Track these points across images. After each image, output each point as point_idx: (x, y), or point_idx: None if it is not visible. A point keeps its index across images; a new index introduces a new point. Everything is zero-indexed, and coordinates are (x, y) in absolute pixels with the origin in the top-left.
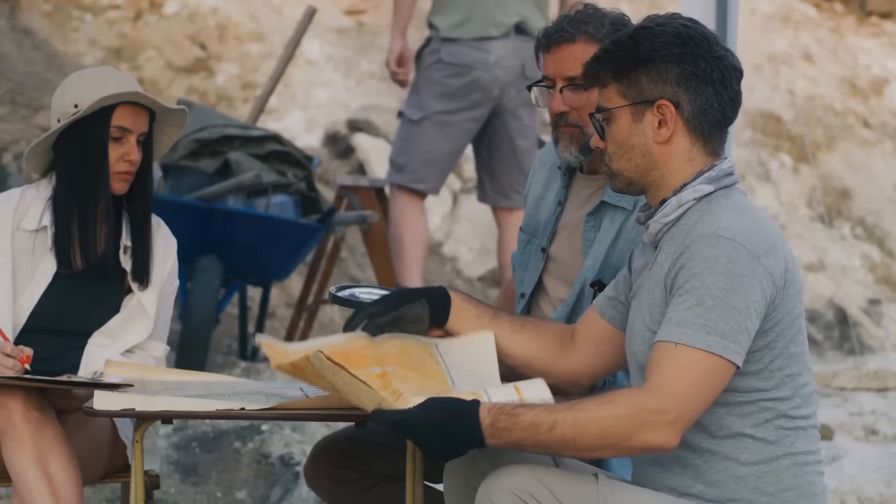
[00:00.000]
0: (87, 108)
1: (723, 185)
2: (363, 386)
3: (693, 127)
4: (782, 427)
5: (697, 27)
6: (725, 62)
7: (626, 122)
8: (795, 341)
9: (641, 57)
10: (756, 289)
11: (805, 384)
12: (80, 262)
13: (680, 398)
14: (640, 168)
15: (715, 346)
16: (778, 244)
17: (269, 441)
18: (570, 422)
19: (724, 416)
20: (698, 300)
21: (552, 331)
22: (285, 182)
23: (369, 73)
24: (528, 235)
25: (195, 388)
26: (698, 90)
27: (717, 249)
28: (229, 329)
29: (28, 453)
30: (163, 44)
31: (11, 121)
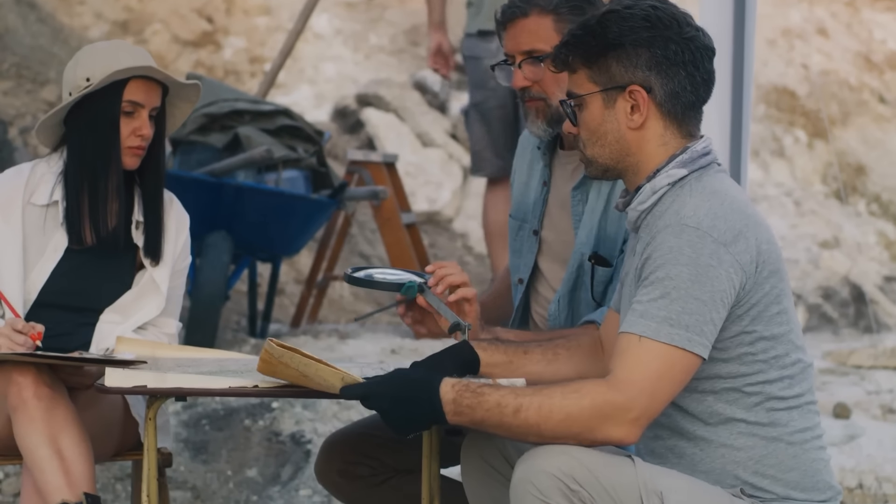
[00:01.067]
0: (99, 82)
1: (697, 167)
2: (321, 365)
3: (666, 111)
4: (774, 409)
5: (667, 8)
6: (696, 42)
7: (597, 109)
8: (777, 321)
9: (610, 42)
10: (722, 278)
11: (795, 362)
12: (90, 237)
13: (644, 394)
14: (615, 154)
15: (679, 340)
16: (749, 228)
17: (280, 419)
18: (535, 406)
19: (713, 403)
20: (662, 292)
21: (583, 347)
22: (296, 157)
23: (378, 46)
24: (518, 221)
25: (208, 365)
26: (670, 73)
27: (681, 239)
28: (238, 306)
29: (39, 431)
30: (169, 17)
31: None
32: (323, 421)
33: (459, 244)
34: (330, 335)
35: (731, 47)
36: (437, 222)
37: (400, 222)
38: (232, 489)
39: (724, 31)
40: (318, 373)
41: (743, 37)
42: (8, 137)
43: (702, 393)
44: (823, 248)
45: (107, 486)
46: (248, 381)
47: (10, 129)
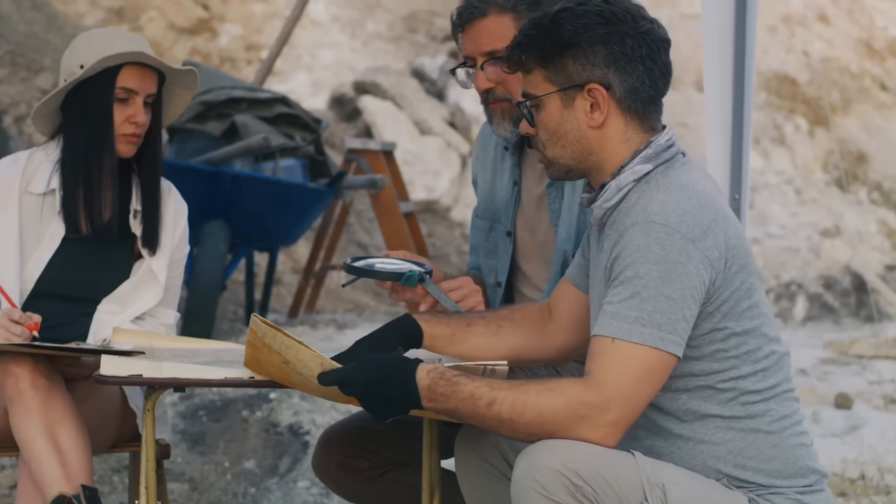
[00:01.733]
0: (90, 69)
1: (662, 161)
2: (302, 347)
3: (626, 107)
4: (749, 402)
5: (619, 2)
6: (652, 35)
7: (556, 109)
8: (748, 316)
9: (566, 41)
10: (692, 274)
11: (768, 354)
12: (85, 226)
13: (621, 397)
14: (577, 154)
15: (651, 339)
16: (717, 223)
17: (278, 410)
18: (509, 401)
19: (687, 401)
20: (632, 292)
21: (529, 317)
22: (293, 145)
23: (376, 33)
24: (488, 222)
25: (204, 355)
26: (628, 69)
27: (649, 237)
28: (235, 296)
29: (36, 422)
30: (165, 4)
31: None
32: (321, 412)
33: (457, 233)
34: (328, 325)
35: (733, 34)
36: (435, 211)
37: (398, 211)
38: (229, 481)
39: (725, 18)
40: (299, 356)
41: (744, 24)
42: (2, 126)
43: (675, 392)
44: (824, 236)
45: (104, 478)
46: (245, 372)
47: (5, 118)
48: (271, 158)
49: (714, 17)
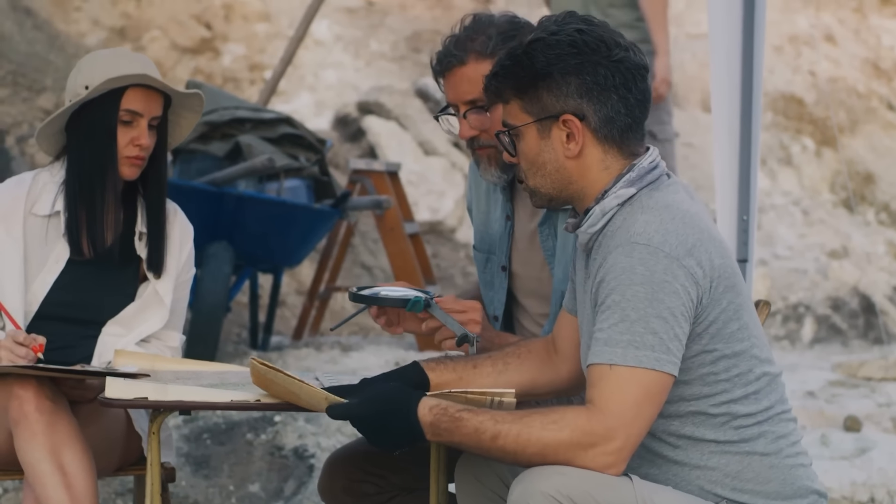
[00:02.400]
0: (94, 90)
1: (646, 184)
2: (304, 385)
3: (603, 136)
4: (742, 426)
5: (593, 30)
6: (626, 64)
7: (533, 139)
8: (737, 338)
9: (538, 72)
10: (679, 292)
11: (759, 377)
12: (87, 248)
13: (625, 423)
14: (557, 183)
15: (647, 361)
16: (702, 242)
17: (283, 433)
18: (513, 434)
19: (680, 427)
20: (621, 315)
21: (534, 352)
22: (298, 166)
23: (379, 53)
24: (484, 254)
25: (207, 377)
26: (602, 99)
27: (632, 258)
28: (239, 318)
29: (41, 445)
30: (167, 23)
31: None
32: (326, 435)
33: (462, 254)
34: (332, 347)
35: (740, 55)
36: (439, 232)
37: (403, 232)
38: None
39: (732, 38)
40: (302, 392)
41: (752, 44)
42: (5, 146)
43: (667, 417)
44: (832, 258)
45: (108, 502)
46: (250, 395)
47: (7, 138)
48: (275, 179)
49: (721, 36)
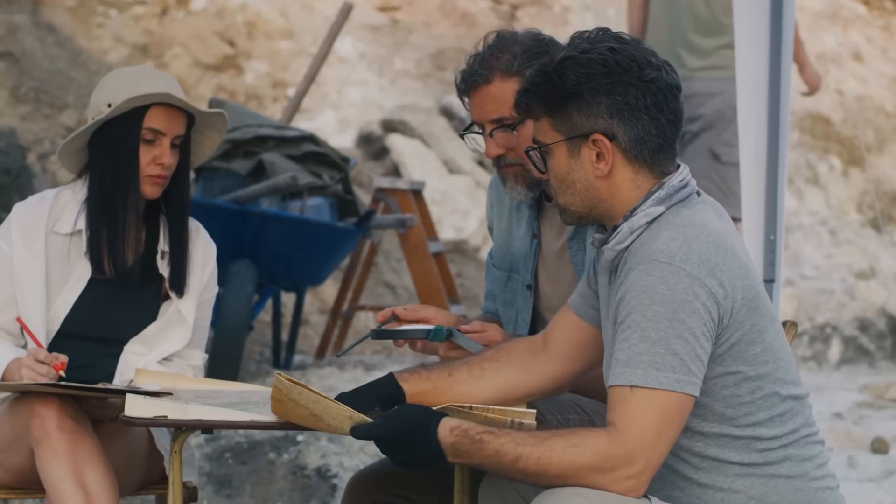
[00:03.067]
0: (116, 108)
1: (675, 202)
2: (330, 402)
3: (633, 156)
4: (768, 449)
5: (625, 49)
6: (658, 84)
7: (563, 158)
8: (761, 360)
9: (569, 91)
10: (700, 312)
11: (785, 399)
12: (108, 267)
13: (646, 445)
14: (587, 202)
15: (667, 383)
16: (725, 262)
17: (306, 452)
18: (534, 457)
19: (704, 448)
20: (641, 336)
21: (515, 353)
22: (321, 184)
23: (403, 71)
24: (504, 272)
25: (228, 396)
26: (632, 119)
27: (653, 276)
28: (262, 336)
29: (63, 464)
30: (190, 41)
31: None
32: (349, 454)
33: None
34: (355, 366)
35: (768, 74)
36: (463, 251)
37: (427, 251)
38: None
39: (760, 57)
40: (327, 410)
41: (779, 63)
42: (26, 163)
43: (691, 438)
44: (859, 278)
45: None
46: (271, 414)
47: (29, 155)
48: (299, 197)
49: (748, 56)
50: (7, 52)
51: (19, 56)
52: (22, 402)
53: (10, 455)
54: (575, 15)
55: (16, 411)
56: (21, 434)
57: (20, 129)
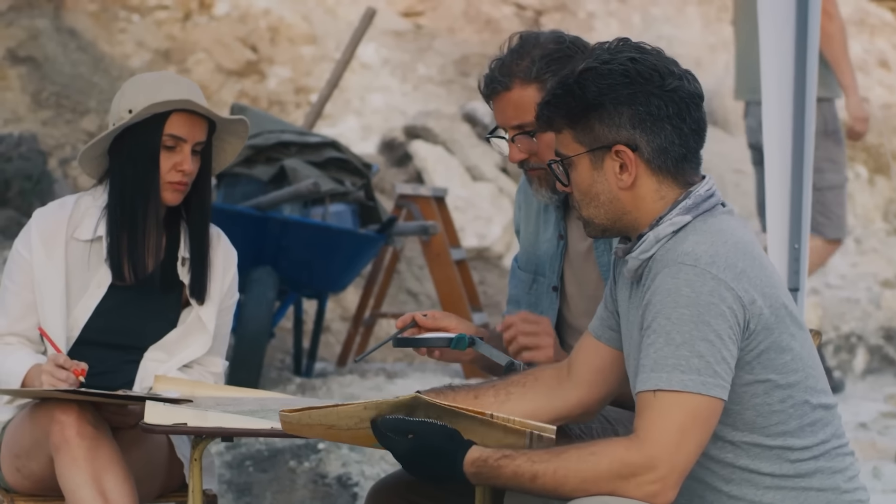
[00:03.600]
0: (137, 114)
1: (702, 212)
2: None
3: (656, 167)
4: (799, 460)
5: (647, 59)
6: (680, 93)
7: (586, 170)
8: (791, 369)
9: (590, 102)
10: (726, 314)
11: (815, 408)
12: (129, 274)
13: (667, 450)
14: (611, 214)
15: (693, 385)
16: (752, 269)
17: (327, 460)
18: (551, 472)
19: (734, 459)
20: (666, 339)
21: (541, 380)
22: (343, 190)
23: (427, 77)
24: (530, 274)
25: (248, 404)
26: (655, 129)
27: (678, 279)
28: (283, 343)
29: (82, 471)
30: (212, 46)
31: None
32: (370, 463)
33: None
34: (377, 374)
35: (793, 81)
36: (486, 258)
37: (450, 258)
38: None
39: (785, 64)
40: (340, 416)
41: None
42: (47, 168)
43: (721, 448)
44: (885, 287)
45: None
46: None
47: (50, 160)
48: (321, 204)
49: (773, 63)
50: (29, 56)
51: (41, 61)
52: (42, 409)
53: (29, 462)
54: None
55: (35, 418)
56: (41, 441)
57: (41, 135)
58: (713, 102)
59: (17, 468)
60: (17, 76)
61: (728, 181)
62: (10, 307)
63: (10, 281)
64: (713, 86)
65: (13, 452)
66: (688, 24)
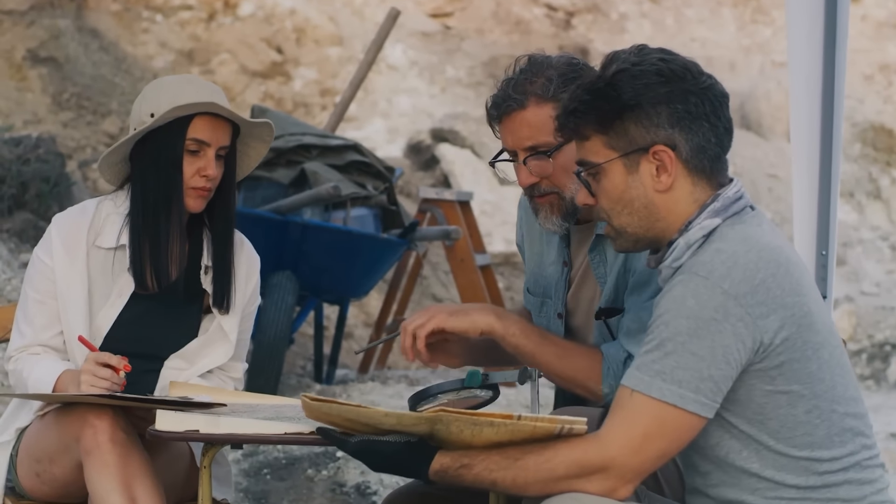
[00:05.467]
0: (160, 118)
1: (730, 214)
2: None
3: (693, 166)
4: (827, 471)
5: (675, 59)
6: (714, 91)
7: (619, 176)
8: (817, 378)
9: (626, 104)
10: (727, 333)
11: (844, 416)
12: (152, 283)
13: (624, 453)
14: (645, 221)
15: (670, 396)
16: (774, 278)
17: (345, 468)
18: (510, 479)
19: (761, 469)
20: (659, 344)
21: None
22: (365, 194)
23: (455, 79)
24: (538, 298)
25: (263, 411)
26: (693, 128)
27: (687, 289)
28: (304, 350)
29: (113, 476)
30: (237, 47)
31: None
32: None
33: None
34: (399, 381)
35: (821, 83)
36: (513, 264)
37: (474, 264)
38: None
39: (813, 67)
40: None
41: (833, 72)
42: (66, 171)
43: (746, 459)
44: None
45: None
46: (306, 428)
47: (69, 163)
48: (342, 207)
49: (802, 66)
50: (50, 57)
51: (62, 61)
52: (73, 413)
53: (51, 466)
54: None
55: (66, 422)
56: (69, 445)
57: (62, 136)
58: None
59: (37, 473)
60: (38, 77)
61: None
62: (34, 316)
63: (32, 289)
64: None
65: (33, 457)
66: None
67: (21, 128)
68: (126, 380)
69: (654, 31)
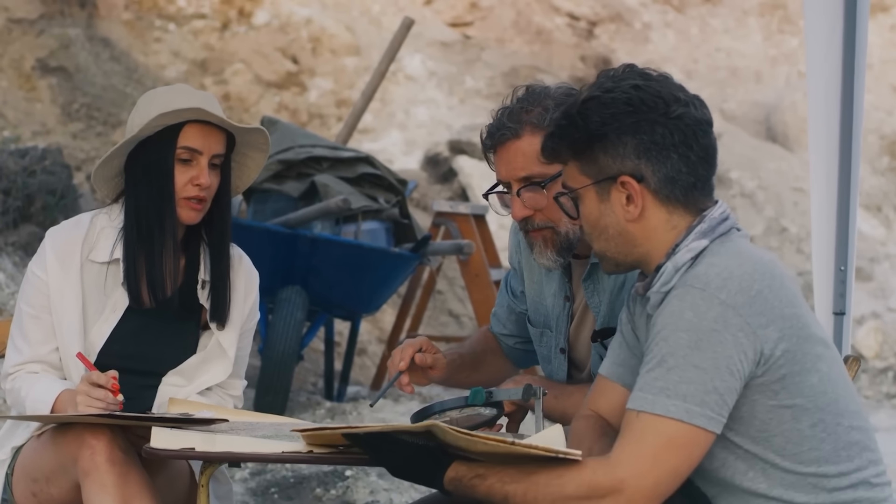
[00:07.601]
0: (147, 127)
1: (718, 235)
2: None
3: (664, 197)
4: (836, 488)
5: (650, 86)
6: (686, 120)
7: (593, 202)
8: (819, 391)
9: (593, 133)
10: (728, 343)
11: (849, 429)
12: (147, 298)
13: (636, 474)
14: (622, 247)
15: (675, 412)
16: (770, 289)
17: (354, 488)
18: (521, 493)
19: (769, 489)
20: (660, 361)
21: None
22: (376, 207)
23: (474, 90)
24: (539, 329)
25: (262, 429)
26: (661, 158)
27: (684, 302)
28: (314, 366)
29: (112, 497)
30: (251, 56)
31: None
32: (399, 491)
33: None
34: (411, 398)
35: (840, 95)
36: None
37: (489, 279)
38: None
39: (832, 78)
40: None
41: (852, 84)
42: (73, 183)
43: (753, 479)
44: None
45: None
46: (304, 447)
47: (77, 174)
48: (353, 221)
49: (820, 77)
50: (60, 66)
51: (72, 71)
52: (70, 433)
53: (48, 486)
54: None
55: (63, 442)
56: (66, 465)
57: (71, 147)
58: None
59: (34, 492)
60: (48, 87)
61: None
62: (30, 332)
63: (27, 305)
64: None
65: (30, 476)
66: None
67: (30, 139)
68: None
69: (678, 41)
